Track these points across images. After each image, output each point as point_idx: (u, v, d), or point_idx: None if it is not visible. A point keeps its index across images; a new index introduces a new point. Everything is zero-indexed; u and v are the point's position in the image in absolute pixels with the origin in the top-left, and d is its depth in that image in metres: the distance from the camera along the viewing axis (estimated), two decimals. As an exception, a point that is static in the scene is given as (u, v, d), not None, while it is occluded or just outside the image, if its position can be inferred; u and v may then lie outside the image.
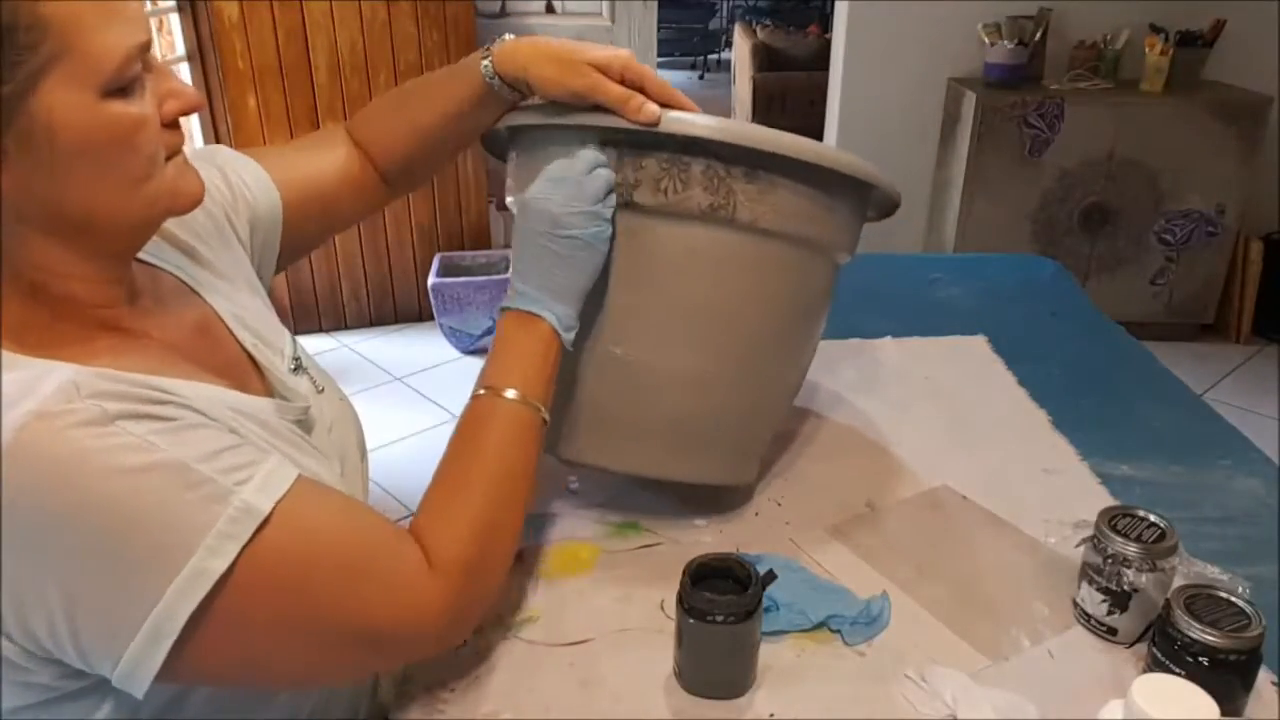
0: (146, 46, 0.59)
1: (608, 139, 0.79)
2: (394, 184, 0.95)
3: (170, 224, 0.74)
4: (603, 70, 0.77)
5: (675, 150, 0.77)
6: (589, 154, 0.77)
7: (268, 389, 0.74)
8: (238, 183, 0.83)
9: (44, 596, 0.52)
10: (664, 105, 0.77)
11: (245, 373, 0.73)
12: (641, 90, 0.77)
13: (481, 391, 0.74)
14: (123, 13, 0.57)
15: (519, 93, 0.84)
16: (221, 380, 0.67)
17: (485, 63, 0.83)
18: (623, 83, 0.77)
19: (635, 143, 0.78)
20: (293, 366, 0.79)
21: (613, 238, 0.80)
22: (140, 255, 0.69)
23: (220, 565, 0.55)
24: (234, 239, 0.82)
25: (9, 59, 0.52)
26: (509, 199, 0.88)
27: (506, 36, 0.84)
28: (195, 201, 0.66)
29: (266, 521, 0.57)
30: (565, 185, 0.76)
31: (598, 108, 0.77)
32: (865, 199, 0.89)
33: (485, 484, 0.70)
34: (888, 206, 0.94)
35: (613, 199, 0.78)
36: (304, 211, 0.88)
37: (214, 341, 0.73)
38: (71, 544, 0.52)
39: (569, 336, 0.77)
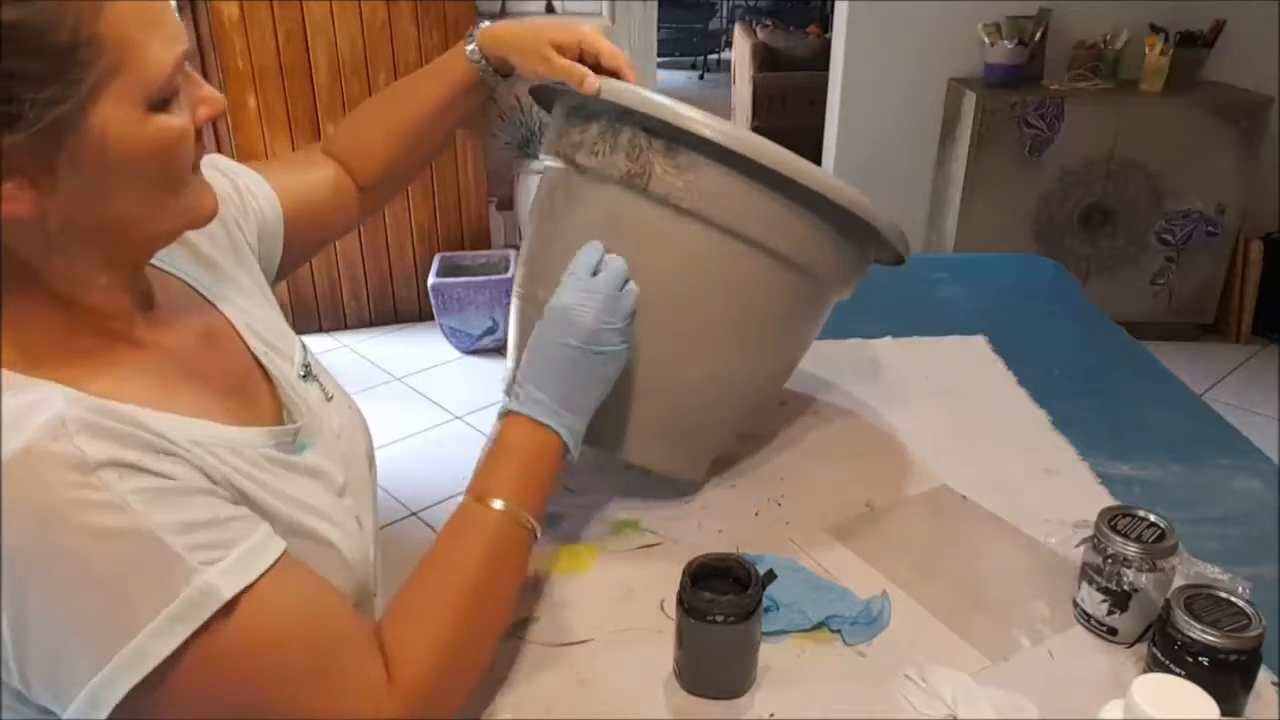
0: (186, 55, 0.59)
1: (567, 105, 0.88)
2: (374, 193, 0.95)
3: (190, 233, 0.75)
4: (561, 49, 0.84)
5: (613, 119, 0.83)
6: (619, 265, 0.78)
7: (276, 398, 0.74)
8: (246, 191, 0.84)
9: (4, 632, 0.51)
10: (614, 76, 0.83)
11: (254, 382, 0.73)
12: (596, 62, 0.84)
13: (470, 500, 0.71)
14: (166, 24, 0.57)
15: (502, 75, 0.90)
16: (223, 397, 0.67)
17: (471, 48, 0.88)
18: (581, 57, 0.84)
19: (583, 110, 0.86)
20: (302, 373, 0.78)
21: (553, 192, 0.88)
22: (153, 261, 0.69)
23: (164, 648, 0.52)
24: (245, 246, 0.82)
25: (67, 78, 0.52)
26: (541, 155, 0.94)
27: (484, 24, 0.90)
28: (211, 215, 0.66)
29: (228, 607, 0.54)
30: (598, 298, 0.75)
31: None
32: (829, 209, 0.84)
33: (458, 602, 0.66)
34: (890, 250, 0.93)
35: (634, 315, 0.79)
36: (299, 224, 0.88)
37: (222, 351, 0.72)
38: (29, 591, 0.51)
39: (575, 454, 0.76)
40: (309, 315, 3.15)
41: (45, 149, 0.53)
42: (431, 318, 3.02)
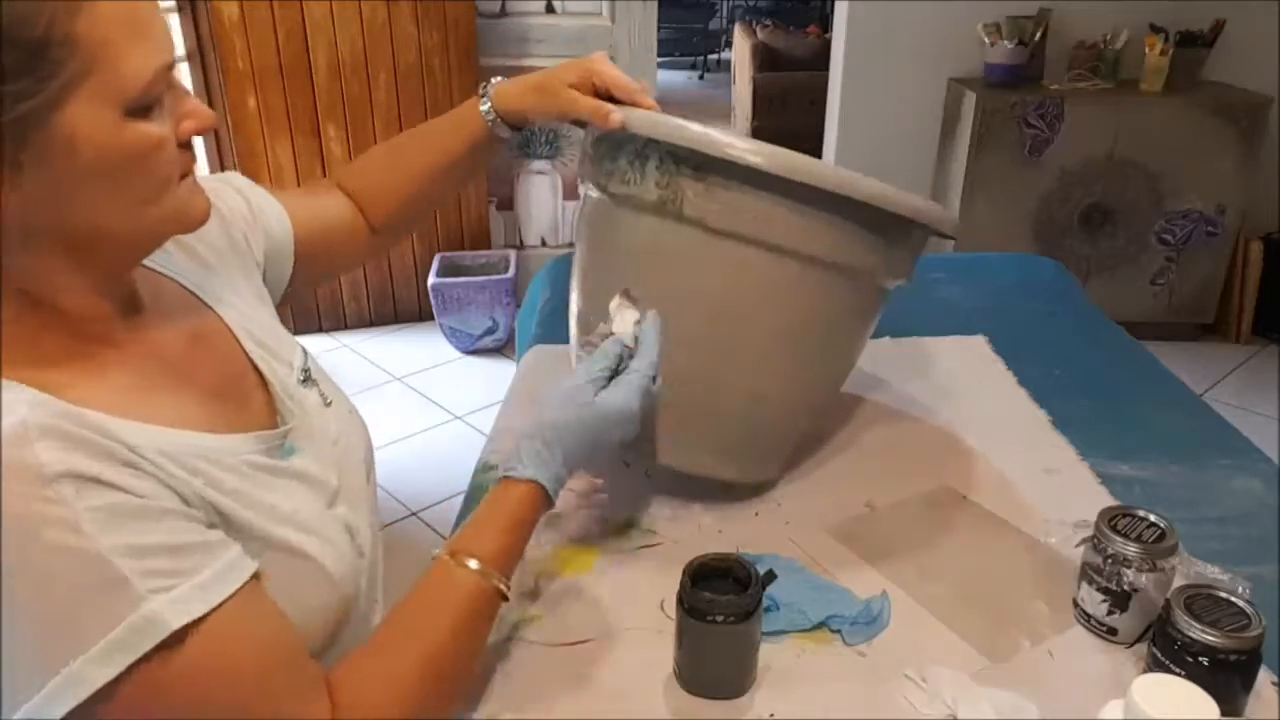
0: (172, 66, 0.58)
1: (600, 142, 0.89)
2: (383, 235, 0.96)
3: (190, 237, 0.75)
4: (578, 88, 0.85)
5: (639, 147, 0.84)
6: (636, 382, 0.78)
7: (270, 401, 0.74)
8: (257, 209, 0.85)
9: None
10: (631, 104, 0.84)
11: (246, 385, 0.73)
12: (609, 95, 0.85)
13: (446, 557, 0.69)
14: (152, 33, 0.57)
15: (517, 129, 0.91)
16: (209, 400, 0.66)
17: (485, 107, 0.89)
18: (596, 91, 0.85)
19: (609, 140, 0.87)
20: (301, 378, 0.78)
21: (594, 221, 0.91)
22: (147, 262, 0.69)
23: (103, 675, 0.51)
24: (250, 258, 0.83)
25: (37, 74, 0.51)
26: (581, 179, 0.96)
27: (495, 80, 0.91)
28: (200, 222, 0.65)
29: (176, 637, 0.53)
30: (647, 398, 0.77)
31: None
32: (865, 215, 0.84)
33: (422, 656, 0.65)
34: (937, 230, 0.91)
35: None
36: (309, 248, 0.89)
37: (214, 353, 0.72)
38: None
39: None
40: (309, 315, 3.15)
41: (10, 143, 0.52)
42: (431, 318, 3.02)
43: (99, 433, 0.55)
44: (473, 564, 0.68)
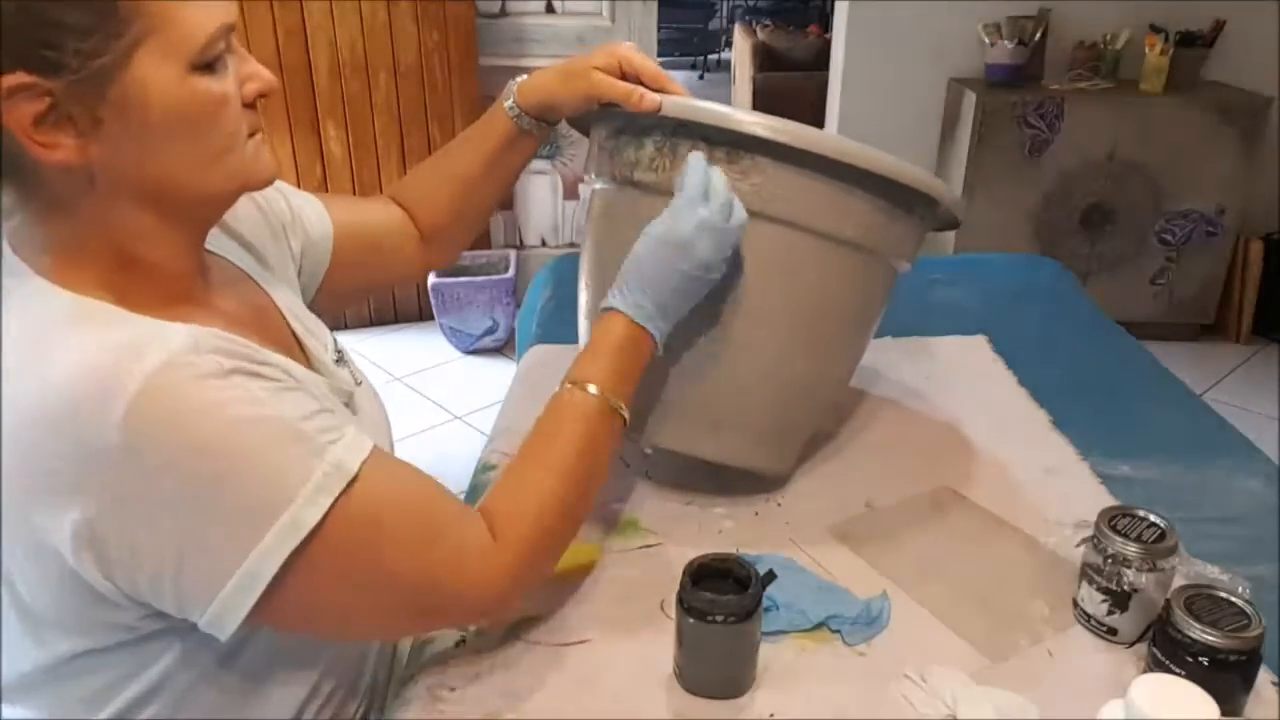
0: (231, 27, 0.62)
1: (620, 127, 0.88)
2: (435, 243, 0.98)
3: (233, 221, 0.79)
4: (606, 70, 0.86)
5: (668, 133, 0.84)
6: (723, 188, 0.80)
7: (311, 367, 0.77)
8: (296, 206, 0.87)
9: (158, 540, 0.56)
10: (659, 91, 0.84)
11: (297, 357, 0.76)
12: (639, 80, 0.85)
13: (568, 386, 0.77)
14: None
15: (547, 123, 0.92)
16: (285, 355, 0.70)
17: (510, 103, 0.91)
18: (624, 77, 0.86)
19: (634, 127, 0.87)
20: (335, 358, 0.82)
21: (611, 212, 0.90)
22: (206, 245, 0.72)
23: (314, 516, 0.59)
24: (287, 253, 0.86)
25: (108, 30, 0.56)
26: (588, 176, 0.96)
27: (520, 77, 0.92)
28: (268, 180, 0.70)
29: (354, 479, 0.61)
30: (714, 232, 0.78)
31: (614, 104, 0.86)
32: (893, 192, 0.86)
33: (558, 469, 0.73)
34: (945, 216, 0.94)
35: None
36: (353, 256, 0.92)
37: (273, 323, 0.77)
38: (189, 487, 0.56)
39: (661, 348, 0.81)
40: (309, 315, 3.15)
41: (88, 98, 0.57)
42: (431, 318, 3.02)
43: (246, 347, 0.61)
44: (591, 389, 0.75)
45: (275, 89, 0.67)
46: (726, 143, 0.82)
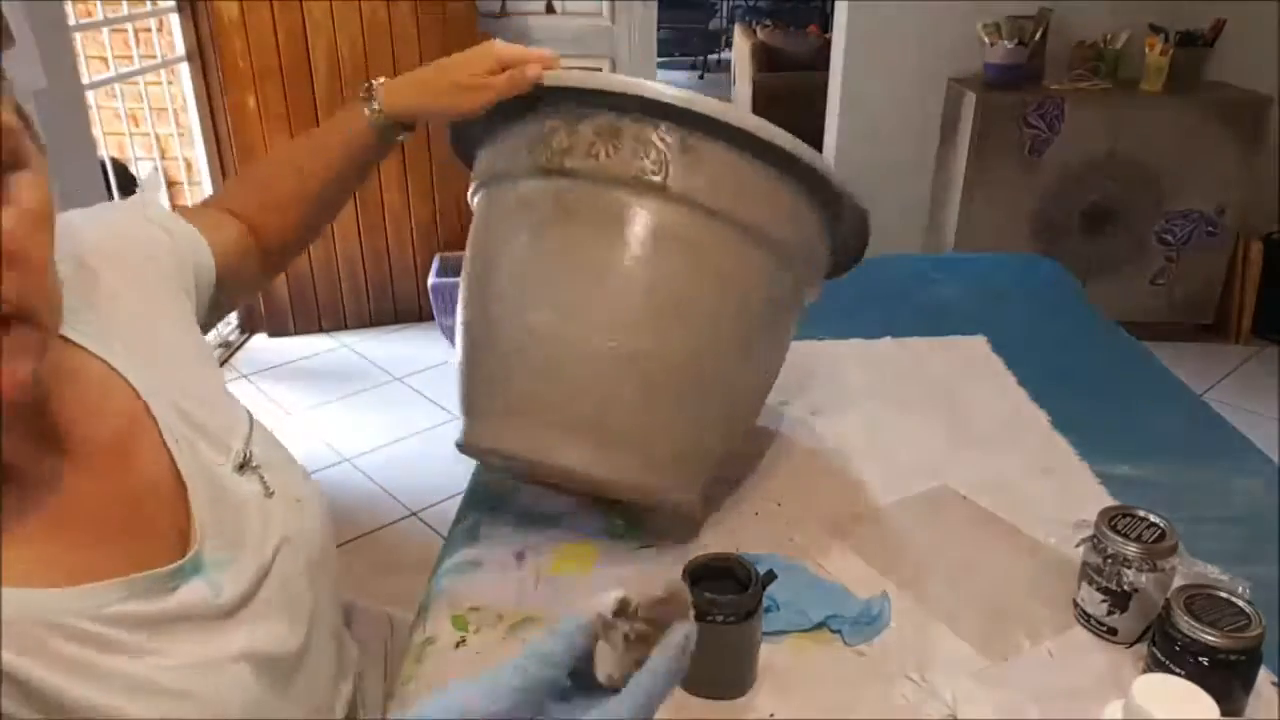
0: None
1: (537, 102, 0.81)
2: (277, 255, 0.89)
3: (115, 286, 0.66)
4: (487, 72, 0.80)
5: (611, 114, 0.77)
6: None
7: (186, 507, 0.63)
8: (182, 242, 0.76)
9: None
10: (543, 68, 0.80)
11: (161, 498, 0.62)
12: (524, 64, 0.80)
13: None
14: None
15: (406, 129, 0.87)
16: (94, 540, 0.57)
17: (374, 109, 0.85)
18: (507, 70, 0.80)
19: (573, 110, 0.79)
20: (239, 464, 0.67)
21: (537, 202, 0.81)
22: (68, 334, 0.61)
23: None
24: (184, 298, 0.74)
25: None
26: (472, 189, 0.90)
27: (380, 80, 0.86)
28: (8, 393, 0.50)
29: None
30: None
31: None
32: (824, 203, 0.84)
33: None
34: (858, 229, 0.90)
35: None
36: (221, 284, 0.81)
37: (130, 452, 0.61)
38: None
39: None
40: (309, 315, 3.15)
41: None
42: (431, 318, 3.02)
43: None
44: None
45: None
46: (678, 133, 0.77)
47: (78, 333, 0.62)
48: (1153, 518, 0.79)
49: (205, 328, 0.79)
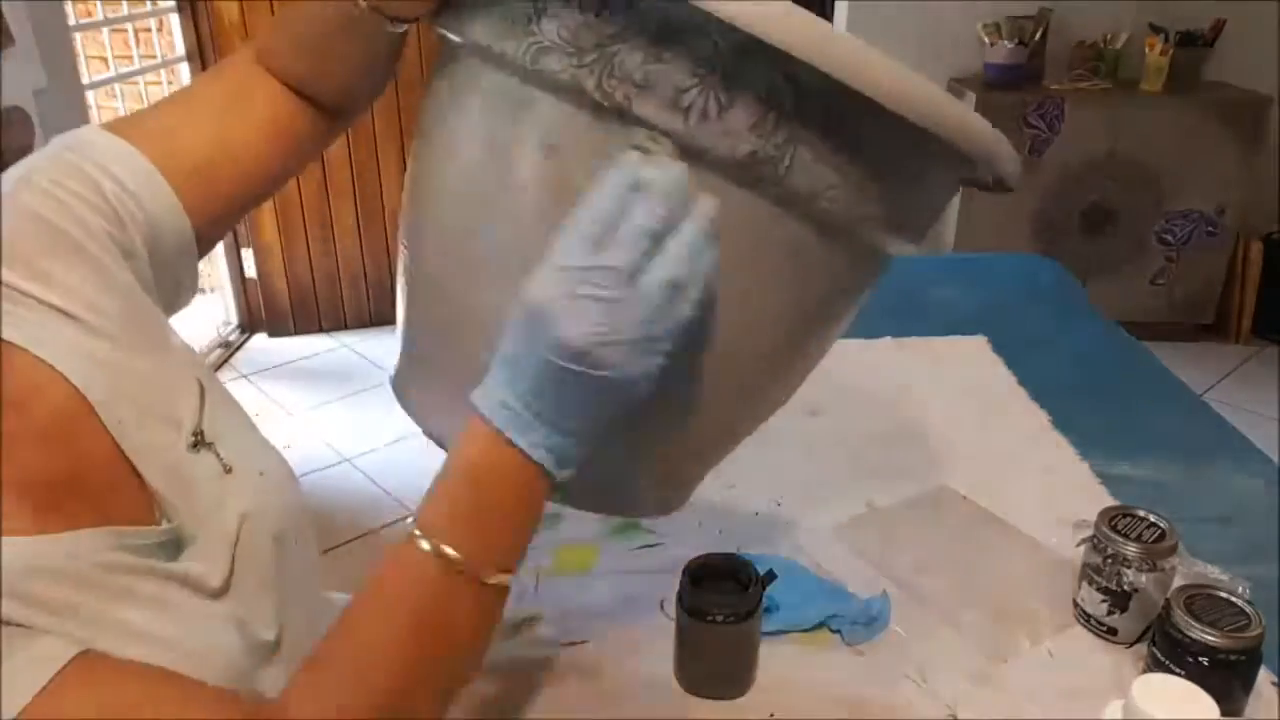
0: None
1: None
2: (341, 111, 0.75)
3: (39, 264, 0.56)
4: None
5: (728, 57, 0.47)
6: (647, 239, 0.47)
7: (141, 485, 0.58)
8: (113, 195, 0.60)
9: None
10: None
11: (117, 470, 0.57)
12: None
13: (412, 528, 0.53)
14: None
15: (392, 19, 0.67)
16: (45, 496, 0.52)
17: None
18: None
19: (654, 30, 0.48)
20: (192, 442, 0.61)
21: (564, 146, 0.53)
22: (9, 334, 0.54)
23: None
24: (122, 264, 0.61)
25: None
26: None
27: None
28: None
29: None
30: (608, 310, 0.47)
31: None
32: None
33: (378, 684, 0.51)
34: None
35: (694, 292, 0.48)
36: (215, 187, 0.67)
37: (72, 437, 0.55)
38: None
39: (564, 474, 0.53)
40: (309, 315, 3.14)
41: None
42: (431, 318, 3.02)
43: None
44: (424, 545, 0.52)
45: None
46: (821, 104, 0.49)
47: (20, 334, 0.55)
48: (1153, 518, 0.79)
49: (229, 220, 0.70)
